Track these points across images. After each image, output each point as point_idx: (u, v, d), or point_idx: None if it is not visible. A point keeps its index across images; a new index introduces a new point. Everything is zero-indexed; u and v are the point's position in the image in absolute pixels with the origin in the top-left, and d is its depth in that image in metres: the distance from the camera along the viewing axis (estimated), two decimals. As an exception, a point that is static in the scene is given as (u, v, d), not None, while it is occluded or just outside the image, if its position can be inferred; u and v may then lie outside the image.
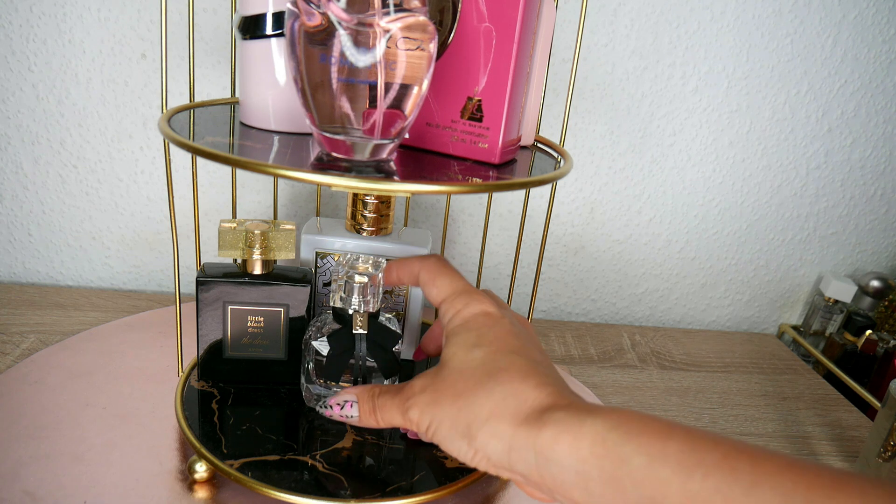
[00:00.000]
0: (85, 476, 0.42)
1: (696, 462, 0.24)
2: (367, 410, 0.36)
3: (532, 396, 0.30)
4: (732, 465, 0.24)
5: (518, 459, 0.29)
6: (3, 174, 0.67)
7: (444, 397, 0.32)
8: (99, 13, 0.62)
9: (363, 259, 0.45)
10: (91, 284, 0.73)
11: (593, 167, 0.75)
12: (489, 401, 0.30)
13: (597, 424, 0.27)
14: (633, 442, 0.26)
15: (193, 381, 0.49)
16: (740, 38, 0.70)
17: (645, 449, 0.26)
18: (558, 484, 0.28)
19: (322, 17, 0.31)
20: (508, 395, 0.30)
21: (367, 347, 0.43)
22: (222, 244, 0.45)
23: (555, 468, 0.28)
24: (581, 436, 0.27)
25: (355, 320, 0.43)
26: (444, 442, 0.32)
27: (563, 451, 0.27)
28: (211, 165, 0.68)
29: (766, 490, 0.23)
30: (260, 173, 0.37)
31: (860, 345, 0.76)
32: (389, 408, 0.34)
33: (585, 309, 0.83)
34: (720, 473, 0.24)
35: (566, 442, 0.27)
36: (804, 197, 0.80)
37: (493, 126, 0.39)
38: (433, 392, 0.32)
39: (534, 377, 0.31)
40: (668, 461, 0.25)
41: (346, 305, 0.43)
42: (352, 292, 0.43)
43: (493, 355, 0.32)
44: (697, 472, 0.24)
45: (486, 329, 0.34)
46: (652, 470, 0.25)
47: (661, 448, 0.25)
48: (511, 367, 0.31)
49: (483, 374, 0.32)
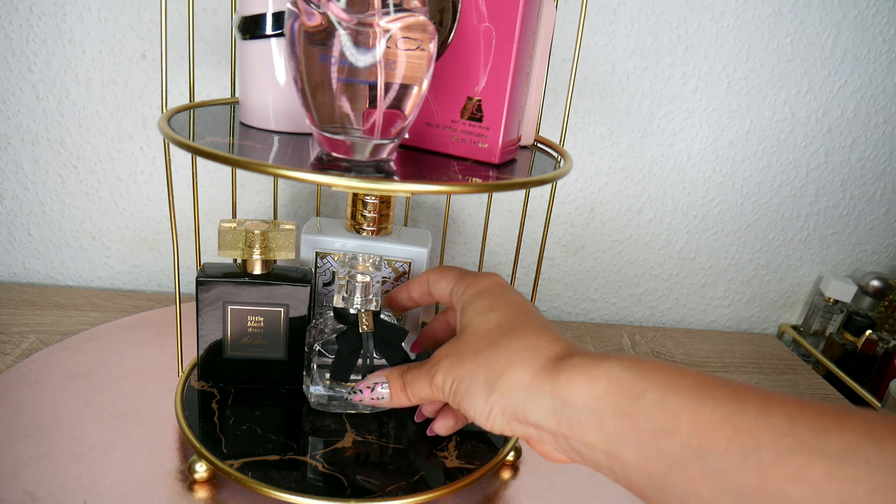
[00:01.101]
0: (85, 476, 0.42)
1: (708, 395, 0.25)
2: (398, 388, 0.37)
3: (548, 348, 0.31)
4: (742, 397, 0.25)
5: (534, 407, 0.30)
6: (3, 174, 0.67)
7: (465, 357, 0.33)
8: (99, 13, 0.62)
9: (363, 258, 0.45)
10: (91, 284, 0.73)
11: (593, 167, 0.75)
12: (507, 354, 0.32)
13: (612, 365, 0.28)
14: (647, 379, 0.27)
15: (193, 381, 0.49)
16: (740, 38, 0.70)
17: (658, 385, 0.27)
18: (574, 426, 0.29)
19: (322, 17, 0.31)
20: (525, 347, 0.32)
21: (375, 346, 0.43)
22: (222, 244, 0.45)
23: (570, 410, 0.29)
24: (597, 376, 0.28)
25: (361, 320, 0.43)
26: (463, 399, 0.33)
27: (579, 391, 0.28)
28: (211, 165, 0.68)
29: (774, 416, 0.24)
30: (260, 173, 0.37)
31: (860, 345, 0.76)
32: (418, 380, 0.36)
33: (585, 309, 0.83)
34: (730, 404, 0.25)
35: (582, 383, 0.28)
36: (804, 197, 0.80)
37: (493, 126, 0.39)
38: (455, 355, 0.34)
39: (548, 333, 0.33)
40: (681, 394, 0.26)
41: (349, 305, 0.43)
42: (354, 292, 0.43)
43: (508, 316, 0.34)
44: (708, 403, 0.25)
45: (500, 295, 0.36)
46: (665, 403, 0.26)
47: (674, 383, 0.27)
48: (527, 325, 0.33)
49: (500, 332, 0.33)
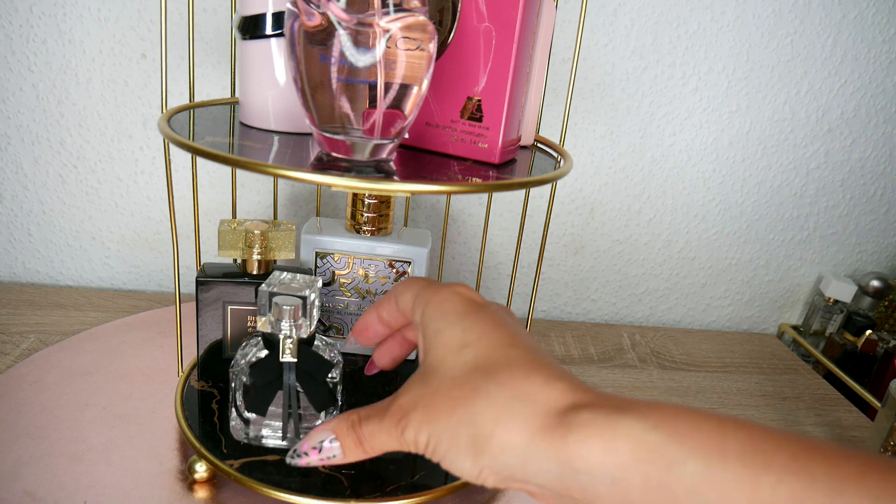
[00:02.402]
0: (85, 476, 0.42)
1: (763, 465, 0.21)
2: (351, 444, 0.31)
3: (543, 397, 0.26)
4: (807, 469, 0.21)
5: (537, 472, 0.25)
6: (3, 174, 0.67)
7: (438, 410, 0.28)
8: (99, 13, 0.62)
9: (298, 278, 0.42)
10: (91, 284, 0.73)
11: (593, 167, 0.75)
12: (492, 407, 0.26)
13: (633, 425, 0.23)
14: (682, 444, 0.23)
15: (193, 381, 0.49)
16: (740, 38, 0.70)
17: (698, 451, 0.22)
18: (589, 495, 0.24)
19: (322, 17, 0.31)
20: (513, 397, 0.26)
21: (298, 377, 0.39)
22: (222, 244, 0.45)
23: (585, 478, 0.24)
24: (616, 439, 0.23)
25: (284, 347, 0.39)
26: (445, 460, 0.28)
27: (594, 458, 0.24)
28: (211, 165, 0.68)
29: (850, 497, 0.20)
30: (260, 173, 0.37)
31: (860, 345, 0.76)
32: (378, 434, 0.30)
33: (585, 309, 0.83)
34: (794, 479, 0.21)
35: (598, 448, 0.24)
36: (804, 197, 0.80)
37: (492, 126, 0.39)
38: (426, 406, 0.28)
39: (538, 373, 0.27)
40: (729, 464, 0.22)
41: (276, 330, 0.39)
42: (282, 315, 0.39)
43: (486, 352, 0.28)
44: (766, 477, 0.21)
45: (471, 321, 0.30)
46: (710, 475, 0.22)
47: (717, 449, 0.22)
48: (510, 364, 0.28)
49: (479, 375, 0.27)
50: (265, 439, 0.42)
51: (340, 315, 0.55)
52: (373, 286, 0.54)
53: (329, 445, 0.31)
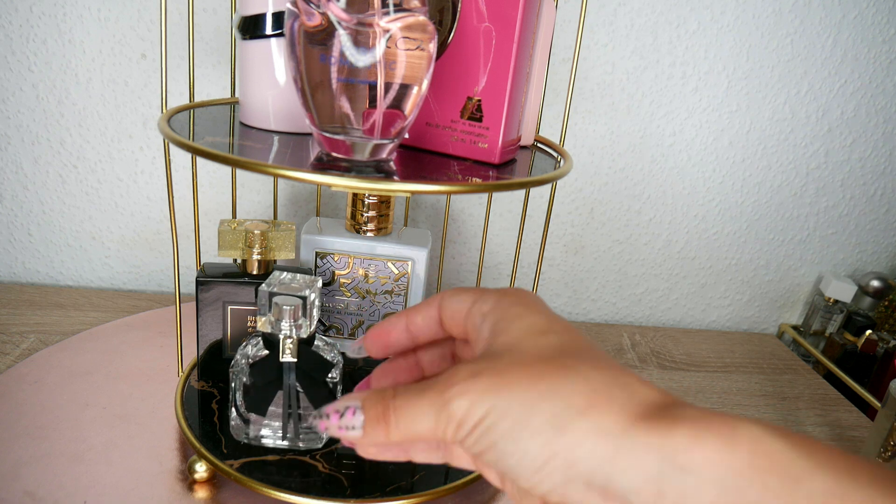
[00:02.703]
0: (85, 476, 0.42)
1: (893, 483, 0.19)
2: (376, 416, 0.25)
3: (643, 389, 0.22)
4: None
5: (627, 467, 0.21)
6: (3, 174, 0.67)
7: (513, 381, 0.23)
8: (99, 13, 0.62)
9: (298, 278, 0.42)
10: (91, 284, 0.73)
11: (593, 167, 0.75)
12: (589, 385, 0.22)
13: (753, 428, 0.20)
14: (808, 457, 0.20)
15: (193, 381, 0.49)
16: (740, 38, 0.70)
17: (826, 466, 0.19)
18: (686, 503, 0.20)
19: (322, 17, 0.31)
20: (613, 382, 0.22)
21: (298, 378, 0.40)
22: (222, 244, 0.45)
23: (690, 480, 0.20)
24: (736, 438, 0.20)
25: (284, 347, 0.39)
26: (500, 442, 0.22)
27: (708, 456, 0.20)
28: (211, 165, 0.68)
29: None
30: (260, 173, 0.37)
31: (860, 345, 0.76)
32: (414, 406, 0.24)
33: (585, 309, 0.83)
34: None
35: (713, 445, 0.20)
36: (804, 197, 0.80)
37: (492, 126, 0.39)
38: (493, 376, 0.23)
39: (630, 372, 0.23)
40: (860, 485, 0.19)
41: (276, 330, 0.39)
42: (282, 315, 0.39)
43: (573, 342, 0.25)
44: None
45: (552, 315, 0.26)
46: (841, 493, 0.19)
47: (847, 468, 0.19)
48: (602, 357, 0.24)
49: (570, 357, 0.23)
50: (265, 439, 0.42)
51: (340, 315, 0.55)
52: (373, 286, 0.54)
53: (351, 414, 0.26)
